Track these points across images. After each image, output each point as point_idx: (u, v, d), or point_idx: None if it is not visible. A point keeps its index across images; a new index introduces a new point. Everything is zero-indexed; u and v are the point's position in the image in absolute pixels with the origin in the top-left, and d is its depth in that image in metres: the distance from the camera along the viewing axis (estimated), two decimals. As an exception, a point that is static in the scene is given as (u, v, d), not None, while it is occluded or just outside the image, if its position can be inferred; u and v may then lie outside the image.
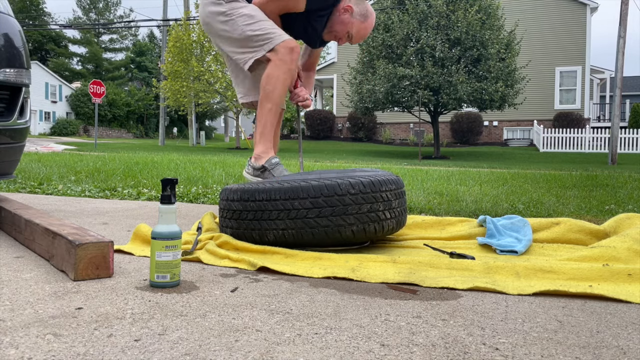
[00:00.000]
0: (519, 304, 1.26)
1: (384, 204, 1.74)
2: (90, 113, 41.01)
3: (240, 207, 1.75)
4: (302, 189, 1.66)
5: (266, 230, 1.72)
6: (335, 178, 1.70)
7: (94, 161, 6.85)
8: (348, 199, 1.66)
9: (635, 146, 18.43)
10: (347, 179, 1.69)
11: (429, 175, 5.84)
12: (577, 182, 5.09)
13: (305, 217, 1.66)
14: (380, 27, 16.09)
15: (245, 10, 2.22)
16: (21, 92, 2.28)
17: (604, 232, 1.93)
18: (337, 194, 1.65)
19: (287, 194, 1.67)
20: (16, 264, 1.54)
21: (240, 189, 1.77)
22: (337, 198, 1.65)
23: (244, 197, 1.74)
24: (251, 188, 1.74)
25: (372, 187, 1.70)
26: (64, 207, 2.82)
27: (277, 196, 1.68)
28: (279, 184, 1.70)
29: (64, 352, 0.90)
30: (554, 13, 22.22)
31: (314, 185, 1.66)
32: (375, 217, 1.72)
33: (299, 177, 1.76)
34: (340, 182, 1.67)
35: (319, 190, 1.65)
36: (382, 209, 1.73)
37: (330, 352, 0.93)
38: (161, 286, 1.32)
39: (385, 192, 1.74)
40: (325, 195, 1.65)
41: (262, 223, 1.72)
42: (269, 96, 2.18)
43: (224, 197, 1.86)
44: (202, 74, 18.32)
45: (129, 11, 57.26)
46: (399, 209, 1.83)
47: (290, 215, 1.67)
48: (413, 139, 23.20)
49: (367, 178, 1.72)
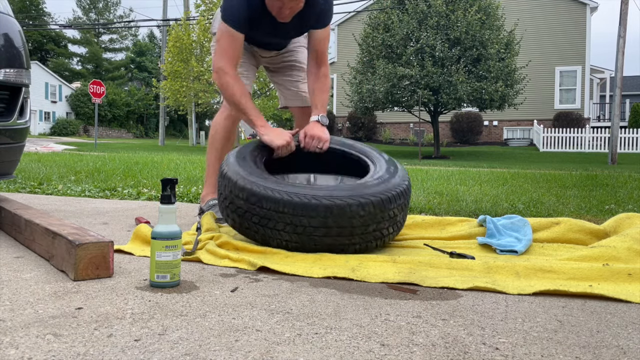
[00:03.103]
0: (519, 303, 1.26)
1: (389, 221, 1.72)
2: (90, 113, 40.98)
3: (245, 207, 1.69)
4: (312, 207, 1.60)
5: (269, 237, 1.69)
6: (346, 196, 1.62)
7: (94, 161, 6.85)
8: (356, 221, 1.62)
9: (635, 146, 18.42)
10: (358, 197, 1.63)
11: (429, 175, 5.83)
12: (577, 182, 5.09)
13: (311, 235, 1.63)
14: (380, 27, 16.07)
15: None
16: (21, 92, 2.28)
17: (604, 231, 1.93)
18: (347, 215, 1.61)
19: (296, 210, 1.61)
20: (16, 264, 1.54)
21: (248, 190, 1.68)
22: (345, 220, 1.61)
23: (251, 200, 1.67)
24: (259, 193, 1.66)
25: (382, 207, 1.66)
26: (64, 207, 2.82)
27: (285, 210, 1.61)
28: (289, 196, 1.62)
29: (64, 352, 0.90)
30: (553, 13, 22.20)
31: (324, 205, 1.60)
32: (379, 235, 1.71)
33: (308, 189, 1.67)
34: (351, 202, 1.61)
35: (328, 211, 1.60)
36: (387, 226, 1.72)
37: (330, 352, 0.93)
38: (161, 286, 1.32)
39: (393, 209, 1.71)
40: (334, 215, 1.60)
41: (266, 230, 1.68)
42: (211, 140, 2.41)
43: (227, 185, 1.76)
44: (202, 74, 18.30)
45: (129, 11, 57.18)
46: (402, 220, 1.84)
47: (296, 231, 1.63)
48: (413, 139, 23.19)
49: (378, 196, 1.66)
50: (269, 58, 2.47)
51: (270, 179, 1.74)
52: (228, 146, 2.41)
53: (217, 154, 2.39)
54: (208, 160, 2.44)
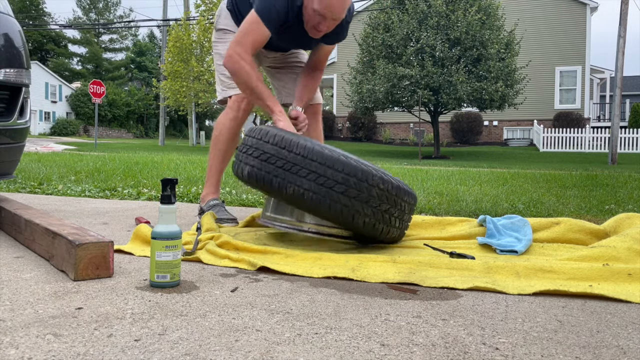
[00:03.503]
0: (519, 303, 1.26)
1: (399, 211, 1.78)
2: (90, 113, 40.98)
3: (272, 151, 1.73)
4: (341, 162, 1.66)
5: (289, 183, 1.70)
6: (372, 167, 1.71)
7: (94, 161, 6.85)
8: (375, 191, 1.68)
9: (635, 146, 18.42)
10: (382, 172, 1.72)
11: (429, 175, 5.84)
12: (577, 182, 5.09)
13: (331, 188, 1.66)
14: (380, 27, 16.08)
15: (222, 48, 2.38)
16: (21, 92, 2.28)
17: (604, 231, 1.93)
18: (369, 182, 1.67)
19: (325, 160, 1.66)
20: (16, 264, 1.54)
21: (279, 135, 1.74)
22: (366, 185, 1.67)
23: (281, 145, 1.72)
24: (291, 138, 1.72)
25: (398, 191, 1.74)
26: (64, 207, 2.82)
27: (315, 157, 1.67)
28: (320, 147, 1.69)
29: (64, 352, 0.90)
30: (553, 13, 22.20)
31: (352, 164, 1.66)
32: (387, 219, 1.75)
33: (340, 151, 1.76)
34: (375, 172, 1.68)
35: (355, 170, 1.66)
36: (396, 216, 1.78)
37: (330, 352, 0.93)
38: (161, 286, 1.32)
39: (404, 202, 1.79)
40: (358, 178, 1.66)
41: (287, 175, 1.70)
42: (215, 141, 2.41)
43: (253, 135, 1.82)
44: (202, 74, 18.30)
45: (129, 11, 57.25)
46: (407, 220, 1.89)
47: (318, 181, 1.66)
48: (413, 139, 23.19)
49: (396, 182, 1.75)
50: (273, 58, 2.50)
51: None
52: (232, 148, 2.42)
53: (220, 155, 2.40)
54: (210, 160, 2.44)
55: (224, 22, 2.42)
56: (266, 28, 2.06)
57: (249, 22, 2.09)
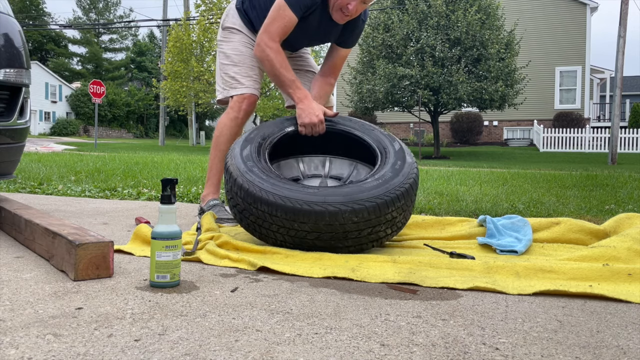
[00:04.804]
0: (519, 303, 1.26)
1: (387, 224, 1.69)
2: (90, 113, 40.97)
3: (243, 206, 1.73)
4: (304, 213, 1.59)
5: (265, 236, 1.74)
6: (339, 202, 1.60)
7: (94, 161, 6.85)
8: (349, 227, 1.62)
9: (635, 146, 18.42)
10: (352, 203, 1.60)
11: (429, 175, 5.84)
12: (577, 182, 5.09)
13: (304, 238, 1.65)
14: (380, 27, 16.07)
15: (226, 47, 2.40)
16: (21, 92, 2.28)
17: (604, 232, 1.93)
18: (339, 222, 1.60)
19: (288, 215, 1.61)
20: (16, 264, 1.54)
21: (245, 190, 1.70)
22: (337, 226, 1.61)
23: (248, 200, 1.70)
24: (255, 194, 1.67)
25: (377, 212, 1.63)
26: (64, 207, 2.82)
27: (278, 214, 1.63)
28: (282, 201, 1.62)
29: (64, 352, 0.90)
30: (553, 13, 22.20)
31: (316, 211, 1.59)
32: (374, 237, 1.71)
33: (301, 193, 1.64)
34: (343, 209, 1.59)
35: (320, 217, 1.59)
36: (384, 229, 1.70)
37: (330, 352, 0.93)
38: (161, 286, 1.32)
39: (391, 213, 1.67)
40: (326, 222, 1.60)
41: (262, 229, 1.72)
42: (216, 141, 2.41)
43: (229, 180, 1.79)
44: (202, 74, 18.30)
45: (129, 11, 57.23)
46: (403, 221, 1.80)
47: (289, 233, 1.66)
48: (413, 139, 23.18)
49: (374, 201, 1.62)
50: None
51: (270, 175, 1.73)
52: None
53: (220, 155, 2.40)
54: (211, 160, 2.44)
55: (231, 20, 2.42)
56: (293, 13, 2.09)
57: (275, 9, 2.12)
